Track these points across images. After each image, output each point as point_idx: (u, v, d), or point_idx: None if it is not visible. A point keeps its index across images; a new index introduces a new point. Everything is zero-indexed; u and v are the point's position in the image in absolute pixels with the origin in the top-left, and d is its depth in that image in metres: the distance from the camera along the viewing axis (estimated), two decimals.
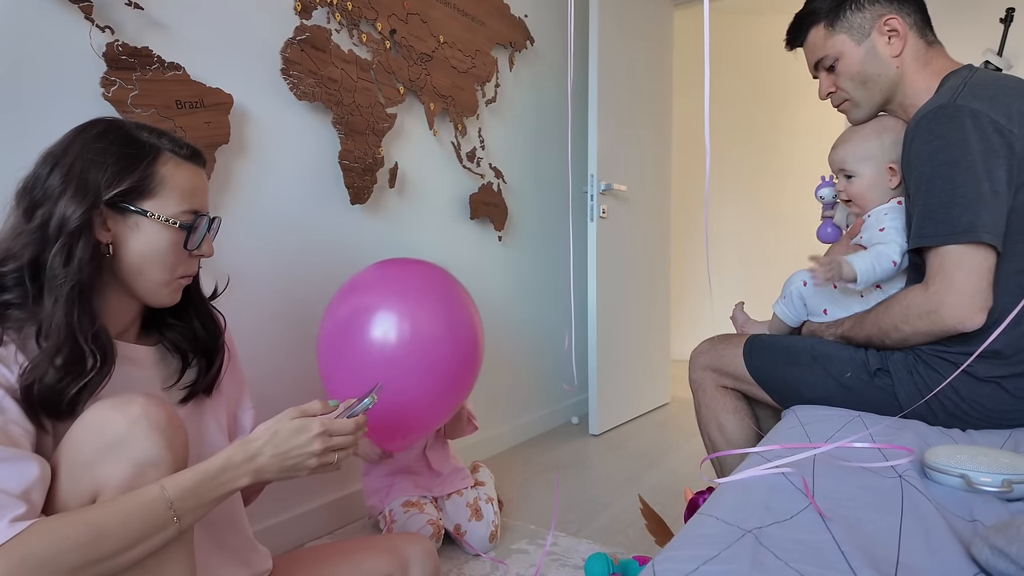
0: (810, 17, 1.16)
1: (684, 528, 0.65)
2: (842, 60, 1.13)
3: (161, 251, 0.78)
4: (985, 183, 0.93)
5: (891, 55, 1.10)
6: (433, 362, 1.24)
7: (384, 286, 1.30)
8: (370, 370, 1.21)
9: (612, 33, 2.52)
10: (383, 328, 1.22)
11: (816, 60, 1.18)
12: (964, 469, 0.71)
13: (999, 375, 0.97)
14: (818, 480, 0.74)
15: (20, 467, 0.62)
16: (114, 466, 0.65)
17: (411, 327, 1.23)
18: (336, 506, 1.62)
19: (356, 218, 1.70)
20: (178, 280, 0.81)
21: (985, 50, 2.09)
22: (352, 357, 1.24)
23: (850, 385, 1.10)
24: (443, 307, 1.29)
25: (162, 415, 0.68)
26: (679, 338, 3.88)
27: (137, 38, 1.20)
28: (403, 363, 1.22)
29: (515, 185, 2.38)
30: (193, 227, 0.80)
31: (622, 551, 1.46)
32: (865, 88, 1.14)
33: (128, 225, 0.77)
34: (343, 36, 1.63)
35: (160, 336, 0.88)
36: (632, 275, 2.73)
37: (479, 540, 1.47)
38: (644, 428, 2.64)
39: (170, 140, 0.81)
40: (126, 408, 0.66)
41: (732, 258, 4.25)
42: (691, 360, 1.37)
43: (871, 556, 0.55)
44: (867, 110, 1.17)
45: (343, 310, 1.29)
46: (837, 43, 1.13)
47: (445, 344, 1.25)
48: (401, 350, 1.22)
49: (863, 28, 1.10)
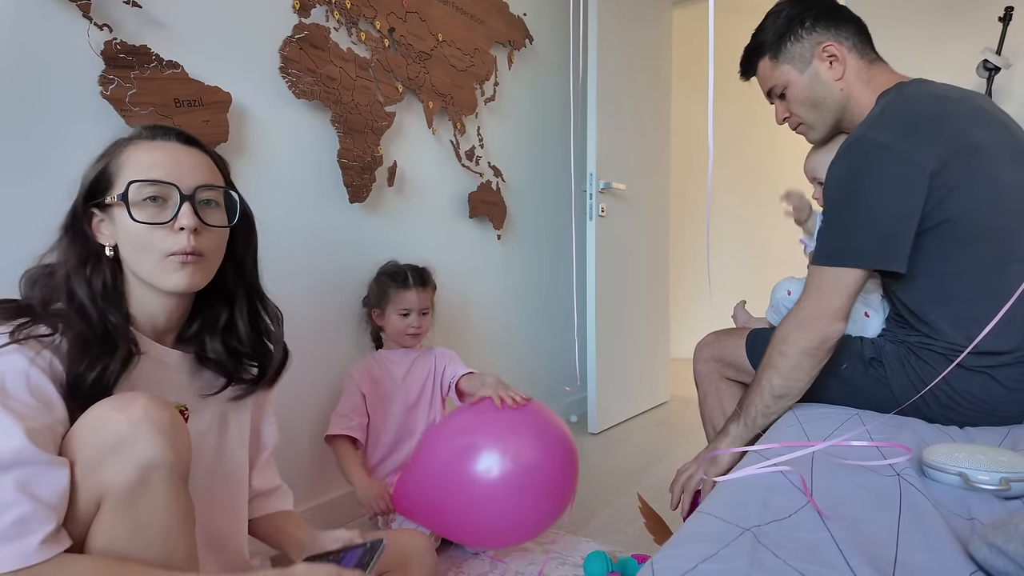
0: (757, 50, 1.23)
1: (683, 526, 0.65)
2: (790, 88, 1.20)
3: (132, 231, 0.76)
4: (881, 211, 0.99)
5: (834, 79, 1.15)
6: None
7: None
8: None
9: (611, 32, 2.51)
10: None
11: (767, 89, 1.25)
12: (962, 467, 0.71)
13: (988, 365, 0.99)
14: (817, 479, 0.74)
15: (56, 475, 0.62)
16: (117, 468, 0.64)
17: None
18: (336, 504, 1.62)
19: (355, 217, 1.70)
20: (171, 258, 0.76)
21: (984, 49, 2.09)
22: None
23: (846, 376, 1.12)
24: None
25: (164, 416, 0.67)
26: (678, 336, 3.88)
27: (135, 36, 1.20)
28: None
29: (514, 184, 2.38)
30: (152, 197, 0.76)
31: (621, 549, 1.46)
32: (816, 111, 1.19)
33: (112, 220, 0.78)
34: (342, 34, 1.63)
35: (201, 345, 0.88)
36: (631, 274, 2.73)
37: None
38: (643, 426, 2.64)
39: (148, 130, 0.81)
40: (128, 409, 0.66)
41: (731, 256, 4.25)
42: (696, 352, 1.40)
43: (869, 554, 0.55)
44: (822, 131, 1.22)
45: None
46: (783, 73, 1.19)
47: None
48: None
49: (804, 57, 1.16)
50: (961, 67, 2.26)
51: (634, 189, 2.69)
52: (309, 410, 1.57)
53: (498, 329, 2.31)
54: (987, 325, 0.97)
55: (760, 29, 1.22)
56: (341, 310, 1.65)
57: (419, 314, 1.56)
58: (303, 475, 1.55)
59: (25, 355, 0.66)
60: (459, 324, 2.11)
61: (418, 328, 1.56)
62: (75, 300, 0.73)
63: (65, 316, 0.72)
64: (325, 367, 1.60)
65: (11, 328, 0.68)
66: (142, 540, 0.66)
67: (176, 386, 0.84)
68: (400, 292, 1.55)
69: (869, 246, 1.00)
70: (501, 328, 2.33)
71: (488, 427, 1.31)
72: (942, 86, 1.11)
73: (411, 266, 1.60)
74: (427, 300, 1.58)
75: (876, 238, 1.00)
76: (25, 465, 0.60)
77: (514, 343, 2.41)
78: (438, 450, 1.32)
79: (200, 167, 0.81)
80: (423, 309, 1.57)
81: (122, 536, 0.65)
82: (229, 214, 0.84)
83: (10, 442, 0.60)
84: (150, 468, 0.65)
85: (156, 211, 0.76)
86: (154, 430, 0.66)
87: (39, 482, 0.60)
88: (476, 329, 2.20)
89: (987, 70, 2.08)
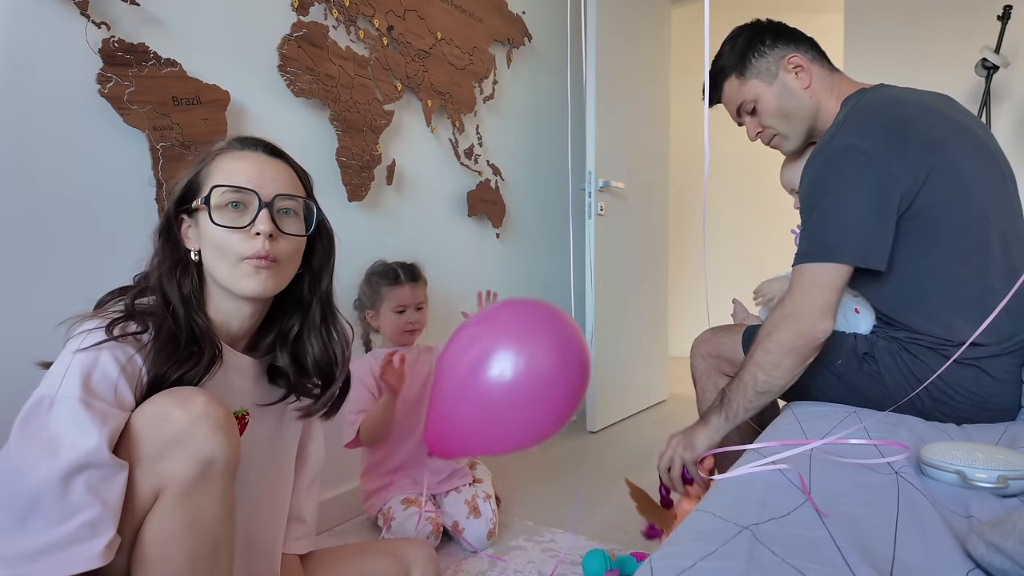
0: (721, 73, 1.26)
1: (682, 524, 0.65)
2: (760, 101, 1.22)
3: (212, 235, 0.79)
4: (852, 210, 1.02)
5: (802, 87, 1.19)
6: None
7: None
8: None
9: (610, 30, 2.51)
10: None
11: (736, 107, 1.27)
12: (960, 465, 0.71)
13: (977, 356, 1.01)
14: (815, 477, 0.75)
15: (120, 479, 0.64)
16: (178, 462, 0.67)
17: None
18: (336, 502, 1.62)
19: (353, 215, 1.69)
20: (246, 262, 0.78)
21: (983, 47, 2.09)
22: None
23: (841, 372, 1.13)
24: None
25: (221, 413, 0.70)
26: (677, 335, 3.88)
27: (133, 34, 1.20)
28: None
29: (513, 182, 2.37)
30: (234, 203, 0.79)
31: (620, 547, 1.46)
32: (788, 121, 1.22)
33: (197, 225, 0.81)
34: (340, 32, 1.62)
35: (272, 355, 0.89)
36: (630, 272, 2.73)
37: (477, 537, 1.48)
38: (642, 425, 2.64)
39: (237, 141, 0.84)
40: (187, 405, 0.68)
41: (730, 255, 4.26)
42: (693, 348, 1.40)
43: (867, 552, 0.55)
44: (796, 141, 1.25)
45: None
46: (751, 88, 1.22)
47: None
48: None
49: (770, 70, 1.20)
50: (960, 66, 2.26)
51: (633, 188, 2.69)
52: None
53: None
54: (962, 316, 1.01)
55: (719, 55, 1.27)
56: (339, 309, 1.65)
57: (415, 309, 1.56)
58: None
59: (115, 357, 0.68)
60: (457, 322, 2.10)
61: (415, 324, 1.56)
62: (166, 301, 0.76)
63: (157, 315, 0.75)
64: None
65: (107, 322, 0.70)
66: (196, 531, 0.69)
67: (242, 392, 0.86)
68: (394, 289, 1.55)
69: (844, 242, 1.02)
70: None
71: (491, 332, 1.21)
72: (902, 89, 1.15)
73: (400, 263, 1.61)
74: (421, 295, 1.58)
75: (850, 234, 1.02)
76: (97, 468, 0.62)
77: None
78: (452, 376, 1.25)
79: (281, 177, 0.83)
80: (418, 304, 1.57)
81: (178, 527, 0.68)
82: (307, 225, 0.86)
83: (88, 443, 0.62)
84: (209, 463, 0.68)
85: (236, 216, 0.79)
86: (213, 426, 0.68)
87: (107, 485, 0.63)
88: None
89: (986, 69, 2.09)
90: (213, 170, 0.81)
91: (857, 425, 0.98)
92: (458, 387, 1.17)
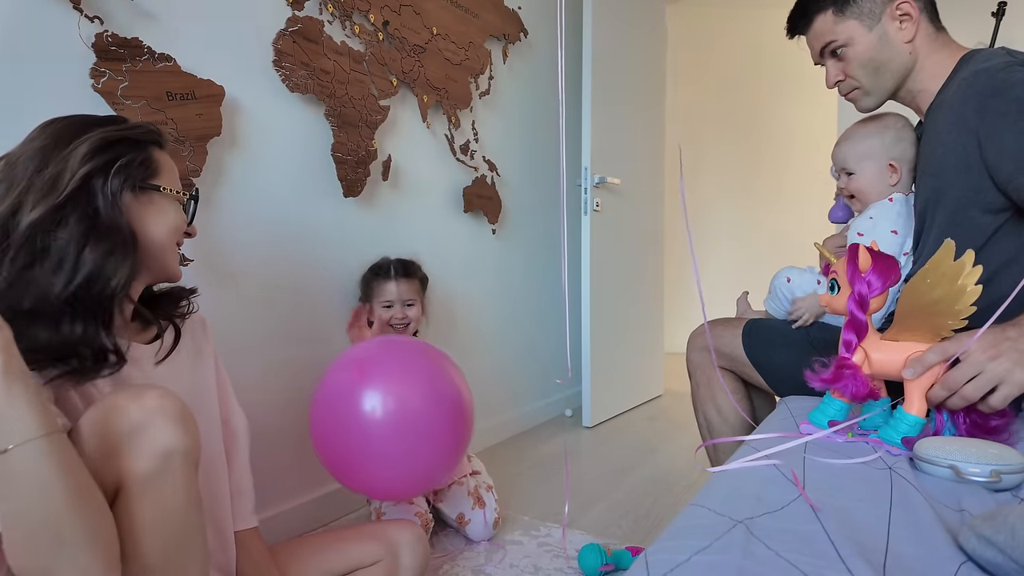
0: (816, 4, 1.12)
1: (676, 519, 0.66)
2: (852, 46, 1.09)
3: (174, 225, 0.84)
4: None
5: (903, 40, 1.06)
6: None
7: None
8: None
9: (606, 26, 2.51)
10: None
11: (822, 46, 1.13)
12: (953, 460, 0.72)
13: None
14: (808, 471, 0.75)
15: None
16: (136, 455, 0.66)
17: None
18: (328, 499, 1.62)
19: (349, 211, 1.69)
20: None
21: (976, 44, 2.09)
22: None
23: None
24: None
25: (176, 404, 0.70)
26: (672, 331, 3.89)
27: (127, 29, 1.19)
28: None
29: (509, 178, 2.37)
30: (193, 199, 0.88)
31: (615, 542, 1.47)
32: (877, 75, 1.10)
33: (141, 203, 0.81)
34: (335, 28, 1.62)
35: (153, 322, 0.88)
36: (625, 268, 2.73)
37: (483, 527, 1.48)
38: (637, 420, 2.65)
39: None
40: (140, 400, 0.68)
41: (728, 250, 4.26)
42: (689, 341, 1.39)
43: (860, 545, 0.55)
44: (877, 98, 1.13)
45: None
46: (847, 29, 1.08)
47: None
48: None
49: (874, 13, 1.07)
50: None
51: (629, 183, 2.69)
52: (303, 406, 1.56)
53: (492, 323, 2.31)
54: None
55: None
56: (334, 305, 1.65)
57: (403, 305, 1.56)
58: (289, 473, 1.54)
59: None
60: (453, 318, 2.11)
61: (402, 319, 1.56)
62: None
63: None
64: (318, 364, 1.60)
65: None
66: (163, 522, 0.68)
67: (143, 378, 0.84)
68: (382, 284, 1.56)
69: None
70: (495, 322, 2.33)
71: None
72: None
73: (397, 259, 1.62)
74: (411, 291, 1.58)
75: None
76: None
77: (508, 337, 2.41)
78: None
79: None
80: (407, 300, 1.57)
81: (145, 522, 0.67)
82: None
83: None
84: (169, 454, 0.68)
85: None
86: (168, 418, 0.68)
87: None
88: (470, 323, 2.20)
89: None
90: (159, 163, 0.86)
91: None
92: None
